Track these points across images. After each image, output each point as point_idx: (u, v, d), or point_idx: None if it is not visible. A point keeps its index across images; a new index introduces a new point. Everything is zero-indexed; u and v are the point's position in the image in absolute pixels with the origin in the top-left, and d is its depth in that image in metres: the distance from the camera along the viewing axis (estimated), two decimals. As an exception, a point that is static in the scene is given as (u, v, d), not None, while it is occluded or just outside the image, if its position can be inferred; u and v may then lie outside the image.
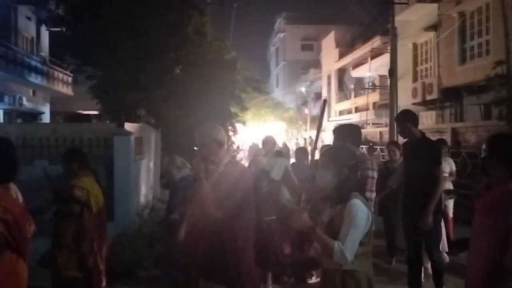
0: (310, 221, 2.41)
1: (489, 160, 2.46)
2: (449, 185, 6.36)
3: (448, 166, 6.47)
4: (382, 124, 21.66)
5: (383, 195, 5.64)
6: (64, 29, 11.50)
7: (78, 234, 3.45)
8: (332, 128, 29.02)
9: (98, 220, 3.62)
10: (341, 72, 31.44)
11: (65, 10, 11.12)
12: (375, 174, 3.80)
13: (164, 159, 10.34)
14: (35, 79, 16.49)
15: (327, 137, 28.23)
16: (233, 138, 14.80)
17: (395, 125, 4.52)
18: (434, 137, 13.36)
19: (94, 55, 10.23)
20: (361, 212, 2.36)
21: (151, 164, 9.33)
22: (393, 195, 5.47)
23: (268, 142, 5.66)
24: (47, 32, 18.32)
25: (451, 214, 6.46)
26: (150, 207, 8.17)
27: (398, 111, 16.24)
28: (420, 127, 16.61)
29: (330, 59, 32.01)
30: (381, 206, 5.91)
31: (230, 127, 14.22)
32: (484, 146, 2.57)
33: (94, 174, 3.69)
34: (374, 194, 3.81)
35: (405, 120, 4.36)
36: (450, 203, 6.42)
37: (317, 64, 37.64)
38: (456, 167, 7.02)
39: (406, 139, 4.55)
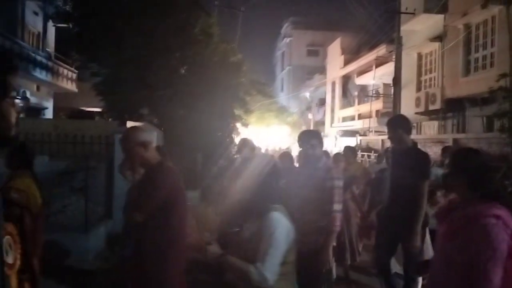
0: (216, 252, 2.22)
1: (452, 177, 2.26)
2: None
3: None
4: (384, 132, 21.66)
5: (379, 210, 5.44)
6: (71, 25, 11.58)
7: (22, 236, 3.39)
8: (335, 134, 28.81)
9: (38, 221, 3.56)
10: (346, 79, 31.46)
11: (73, 7, 11.20)
12: (341, 183, 3.61)
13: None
14: (39, 74, 16.57)
15: (329, 143, 28.27)
16: (236, 141, 14.83)
17: (387, 130, 4.29)
18: (436, 147, 13.40)
19: (100, 52, 10.29)
20: (280, 227, 2.11)
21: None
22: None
23: (244, 145, 5.31)
24: (54, 27, 18.43)
25: None
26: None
27: (401, 120, 16.30)
28: (422, 136, 16.66)
29: (335, 65, 32.04)
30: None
31: (233, 129, 14.25)
32: (447, 161, 2.38)
33: (33, 174, 3.57)
34: (341, 206, 3.58)
35: (397, 126, 4.11)
36: None
37: (322, 70, 37.68)
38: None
39: (393, 146, 4.32)
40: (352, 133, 26.50)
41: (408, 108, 17.05)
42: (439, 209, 2.59)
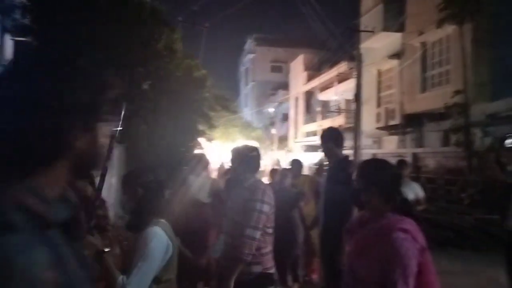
0: (99, 246, 2.05)
1: (363, 191, 2.13)
2: None
3: (412, 192, 5.69)
4: (347, 147, 22.08)
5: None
6: (29, 39, 11.24)
7: None
8: (298, 149, 28.96)
9: None
10: (309, 95, 31.99)
11: (32, 20, 10.89)
12: (265, 208, 3.09)
13: (128, 175, 10.14)
14: (-5, 88, 15.95)
15: (293, 157, 28.47)
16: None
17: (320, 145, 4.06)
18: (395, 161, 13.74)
19: (59, 66, 10.03)
20: (156, 242, 1.99)
21: (113, 180, 9.12)
22: None
23: (196, 160, 4.97)
24: (12, 41, 17.82)
25: None
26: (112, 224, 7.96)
27: (362, 134, 16.70)
28: (382, 151, 16.98)
29: (298, 81, 32.57)
30: None
31: (197, 145, 14.14)
32: (356, 175, 2.26)
33: None
34: (259, 233, 3.06)
35: (328, 139, 3.93)
36: None
37: (285, 86, 38.20)
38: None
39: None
40: (315, 148, 26.83)
41: (369, 123, 17.47)
42: (348, 225, 2.42)
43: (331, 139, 3.93)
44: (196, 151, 14.02)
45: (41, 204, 0.86)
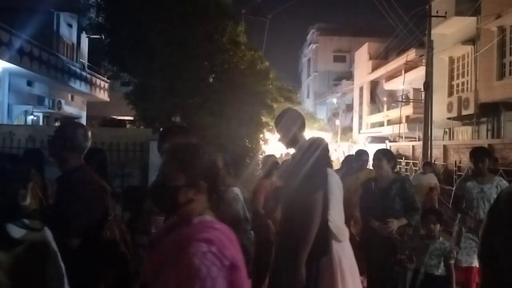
0: None
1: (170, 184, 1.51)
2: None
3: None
4: (415, 138, 21.28)
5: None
6: (103, 36, 11.90)
7: None
8: (363, 140, 28.40)
9: None
10: (374, 84, 31.12)
11: (105, 18, 11.50)
12: None
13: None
14: (74, 84, 17.07)
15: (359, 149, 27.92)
16: (263, 148, 14.85)
17: (276, 131, 3.14)
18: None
19: (131, 62, 10.52)
20: None
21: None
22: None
23: (265, 162, 4.67)
24: (87, 39, 18.97)
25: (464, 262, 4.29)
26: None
27: (433, 125, 15.96)
28: (454, 142, 16.26)
29: (362, 71, 31.76)
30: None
31: (261, 136, 14.27)
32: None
33: (43, 179, 3.46)
34: None
35: (290, 123, 3.00)
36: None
37: (349, 76, 37.43)
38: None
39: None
40: (381, 139, 26.11)
41: (439, 113, 16.71)
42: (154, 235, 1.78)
43: (293, 122, 2.98)
44: (260, 143, 14.15)
45: None
